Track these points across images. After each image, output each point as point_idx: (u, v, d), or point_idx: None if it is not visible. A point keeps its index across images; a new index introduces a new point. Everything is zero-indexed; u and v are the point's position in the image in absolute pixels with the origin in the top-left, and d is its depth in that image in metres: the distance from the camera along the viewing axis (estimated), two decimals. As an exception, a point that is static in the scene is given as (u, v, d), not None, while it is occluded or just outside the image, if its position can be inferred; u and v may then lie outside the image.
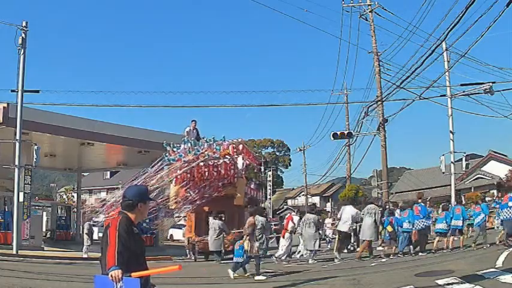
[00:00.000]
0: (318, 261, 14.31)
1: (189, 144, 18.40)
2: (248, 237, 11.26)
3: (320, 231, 15.79)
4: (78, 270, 12.96)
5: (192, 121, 19.91)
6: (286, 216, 16.31)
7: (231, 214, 18.46)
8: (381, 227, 14.41)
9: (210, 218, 17.13)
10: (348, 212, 14.48)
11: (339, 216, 14.90)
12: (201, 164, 17.92)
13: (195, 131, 19.57)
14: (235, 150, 18.57)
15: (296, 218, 15.91)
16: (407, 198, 36.43)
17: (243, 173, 19.33)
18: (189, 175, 17.74)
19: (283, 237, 15.64)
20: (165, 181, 17.52)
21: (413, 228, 14.29)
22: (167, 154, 18.24)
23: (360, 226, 14.79)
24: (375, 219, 13.76)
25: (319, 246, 15.31)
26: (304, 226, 14.91)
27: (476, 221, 14.54)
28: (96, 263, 4.05)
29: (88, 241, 18.60)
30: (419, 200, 15.38)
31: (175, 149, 18.38)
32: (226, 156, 18.28)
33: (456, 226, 14.43)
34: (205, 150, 18.10)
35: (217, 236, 16.54)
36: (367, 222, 13.82)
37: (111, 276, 3.54)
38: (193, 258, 17.91)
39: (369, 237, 13.80)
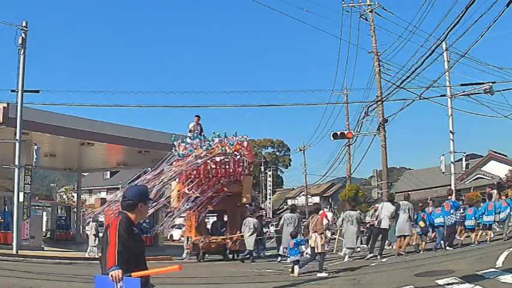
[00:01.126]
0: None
1: (198, 139, 17.64)
2: (317, 233, 11.07)
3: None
4: (78, 270, 12.96)
5: (195, 116, 19.23)
6: (320, 213, 15.95)
7: (233, 213, 17.81)
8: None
9: (249, 218, 16.79)
10: (388, 208, 14.45)
11: (377, 213, 14.91)
12: (209, 160, 17.13)
13: (198, 126, 18.87)
14: (240, 147, 17.89)
15: (330, 215, 15.57)
16: (407, 198, 36.40)
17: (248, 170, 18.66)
18: (194, 171, 16.94)
19: None
20: (177, 177, 16.83)
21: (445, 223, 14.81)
22: (176, 149, 17.41)
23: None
24: (409, 215, 14.01)
25: (361, 243, 15.58)
26: (346, 223, 14.79)
27: (503, 215, 14.97)
28: (96, 263, 4.06)
29: (96, 241, 18.57)
30: (450, 197, 15.89)
31: (183, 144, 17.51)
32: (235, 152, 17.53)
33: (489, 221, 14.91)
34: (219, 145, 17.27)
35: (251, 234, 16.21)
36: (403, 218, 14.02)
37: (112, 276, 3.54)
38: (197, 258, 17.32)
39: (406, 232, 14.00)
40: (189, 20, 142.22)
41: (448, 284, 7.74)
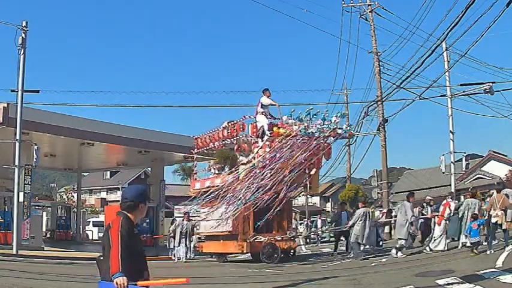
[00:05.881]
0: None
1: (314, 117, 15.10)
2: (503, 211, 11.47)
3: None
4: (78, 270, 12.95)
5: (266, 90, 15.67)
6: (443, 203, 15.41)
7: (282, 207, 15.20)
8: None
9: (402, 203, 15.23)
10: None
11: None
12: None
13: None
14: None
15: (453, 205, 15.00)
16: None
17: None
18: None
19: (439, 224, 14.43)
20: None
21: None
22: (303, 128, 14.61)
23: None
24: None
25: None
26: (467, 212, 13.93)
27: None
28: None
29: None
30: None
31: (299, 122, 14.88)
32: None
33: None
34: (344, 126, 15.31)
35: (407, 222, 14.54)
36: None
37: (117, 283, 3.46)
38: (273, 261, 14.54)
39: None
40: (189, 20, 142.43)
41: (448, 284, 7.75)
